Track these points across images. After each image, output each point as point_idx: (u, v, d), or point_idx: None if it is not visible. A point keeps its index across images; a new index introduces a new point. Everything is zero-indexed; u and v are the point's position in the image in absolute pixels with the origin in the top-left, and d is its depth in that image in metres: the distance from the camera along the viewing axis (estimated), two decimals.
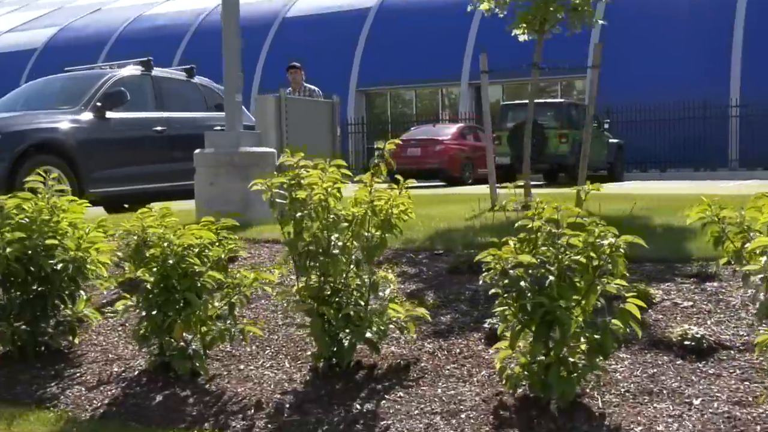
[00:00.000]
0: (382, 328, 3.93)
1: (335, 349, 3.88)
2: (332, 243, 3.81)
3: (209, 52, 26.33)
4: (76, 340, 4.73)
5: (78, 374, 4.35)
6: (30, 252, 4.38)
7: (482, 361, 4.03)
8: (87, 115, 9.86)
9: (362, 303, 3.97)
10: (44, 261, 4.37)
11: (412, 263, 5.79)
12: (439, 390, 3.76)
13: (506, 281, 3.42)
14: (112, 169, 10.02)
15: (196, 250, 4.02)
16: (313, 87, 12.79)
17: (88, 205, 4.73)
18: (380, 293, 4.03)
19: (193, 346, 4.17)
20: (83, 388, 4.16)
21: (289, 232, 3.88)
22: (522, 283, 3.32)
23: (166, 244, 4.00)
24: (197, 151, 7.83)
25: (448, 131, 25.41)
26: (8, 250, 4.27)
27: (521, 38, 8.78)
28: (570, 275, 3.40)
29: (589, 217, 3.56)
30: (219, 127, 10.83)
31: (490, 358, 4.00)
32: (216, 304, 4.13)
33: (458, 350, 4.20)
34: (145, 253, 4.07)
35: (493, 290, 3.58)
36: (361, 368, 4.06)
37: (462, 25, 29.15)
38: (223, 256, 4.14)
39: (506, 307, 3.50)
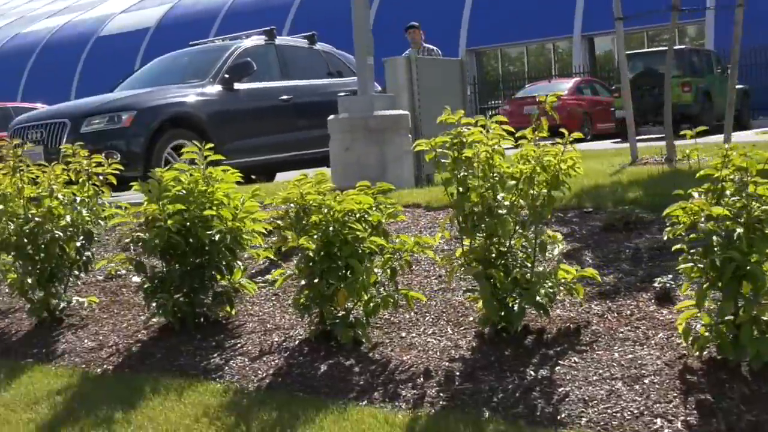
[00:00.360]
0: (552, 290, 3.76)
1: (503, 313, 3.73)
2: (498, 203, 3.65)
3: (322, 19, 26.72)
4: (233, 311, 4.76)
5: (239, 345, 4.35)
6: (188, 223, 4.42)
7: (657, 323, 3.80)
8: (216, 88, 9.92)
9: (529, 265, 3.81)
10: (202, 232, 4.39)
11: (562, 222, 5.56)
12: (616, 354, 3.55)
13: (693, 235, 3.20)
14: (243, 140, 10.03)
15: (357, 215, 3.94)
16: (432, 46, 12.57)
17: (241, 174, 4.69)
18: (548, 254, 3.86)
19: (354, 314, 4.11)
20: (246, 359, 4.14)
21: (452, 192, 3.74)
22: (714, 238, 3.08)
23: (326, 211, 3.94)
24: (331, 117, 7.77)
25: (564, 87, 24.44)
26: (169, 222, 4.30)
27: None
28: (760, 227, 3.14)
29: None
30: (344, 93, 10.87)
31: (665, 319, 3.79)
32: (376, 270, 4.04)
33: (629, 312, 3.97)
34: (304, 221, 4.01)
35: (676, 246, 3.36)
36: (529, 333, 3.90)
37: None
38: (383, 220, 4.02)
39: (691, 264, 3.27)
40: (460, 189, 3.65)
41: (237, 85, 10.05)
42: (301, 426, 3.27)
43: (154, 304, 4.55)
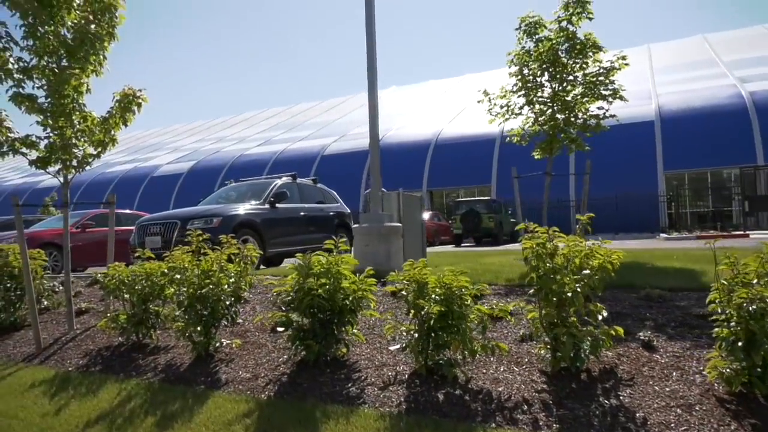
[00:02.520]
0: (600, 342, 3.31)
1: (573, 355, 3.26)
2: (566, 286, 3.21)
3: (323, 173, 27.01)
4: (347, 352, 4.09)
5: (363, 377, 3.65)
6: (330, 292, 3.79)
7: (657, 364, 3.40)
8: (266, 206, 9.55)
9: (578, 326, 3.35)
10: (338, 297, 3.78)
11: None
12: (657, 387, 3.10)
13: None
14: (279, 237, 9.66)
15: (462, 290, 3.43)
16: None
17: (354, 263, 4.11)
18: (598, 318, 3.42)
19: (457, 357, 3.54)
20: (375, 388, 3.46)
21: (532, 276, 3.29)
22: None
23: (442, 289, 3.41)
24: (356, 226, 7.41)
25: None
26: (319, 291, 3.69)
27: (537, 157, 8.25)
28: None
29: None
30: (331, 213, 11.31)
31: (665, 362, 3.39)
32: (472, 326, 3.50)
33: (635, 356, 3.55)
34: (425, 292, 3.48)
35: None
36: (589, 373, 3.39)
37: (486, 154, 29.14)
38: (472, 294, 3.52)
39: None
40: (539, 275, 3.21)
41: (278, 205, 9.73)
42: None
43: (298, 346, 3.87)
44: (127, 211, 13.78)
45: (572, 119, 7.48)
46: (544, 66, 7.52)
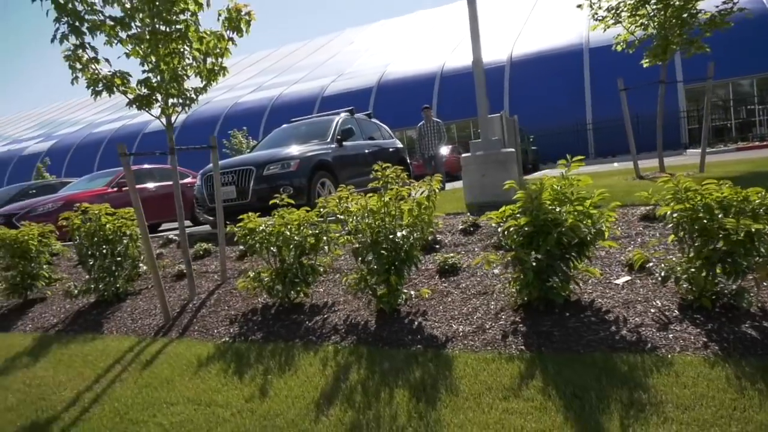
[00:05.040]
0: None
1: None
2: None
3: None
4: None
5: (612, 318, 3.09)
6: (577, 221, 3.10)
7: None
8: (334, 145, 8.61)
9: None
10: (581, 228, 3.10)
11: None
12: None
13: None
14: (351, 179, 8.69)
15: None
16: (438, 119, 11.71)
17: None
18: None
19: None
20: (635, 331, 2.90)
21: None
22: None
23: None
24: (466, 154, 6.61)
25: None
26: (569, 220, 3.00)
27: (646, 65, 7.45)
28: None
29: None
30: (391, 148, 10.35)
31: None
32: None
33: None
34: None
35: None
36: None
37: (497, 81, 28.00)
38: None
39: None
40: None
41: (344, 143, 8.83)
42: None
43: (523, 289, 3.24)
44: (157, 167, 12.85)
45: (689, 18, 6.65)
46: None
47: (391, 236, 3.49)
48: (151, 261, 4.32)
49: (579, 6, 7.34)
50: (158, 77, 4.15)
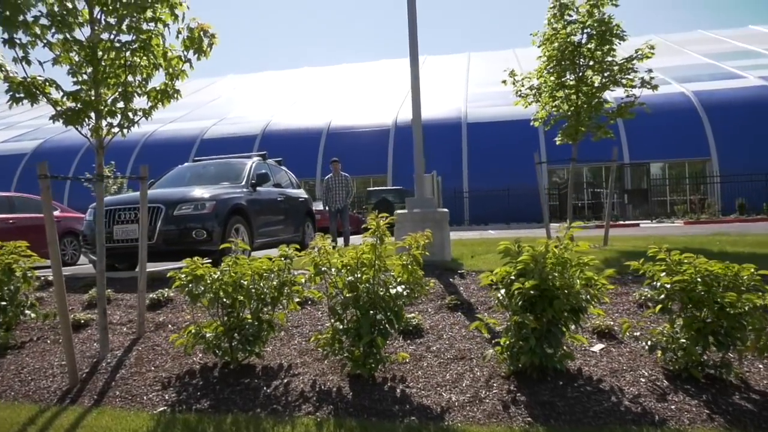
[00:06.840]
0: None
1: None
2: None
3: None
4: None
5: (607, 389, 3.04)
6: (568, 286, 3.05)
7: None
8: (247, 189, 7.99)
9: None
10: (576, 292, 3.06)
11: None
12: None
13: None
14: (265, 227, 8.19)
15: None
16: (345, 174, 11.56)
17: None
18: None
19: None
20: (621, 404, 2.88)
21: None
22: None
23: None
24: (402, 211, 6.56)
25: None
26: (557, 284, 2.94)
27: (559, 143, 8.06)
28: None
29: None
30: (300, 198, 9.90)
31: None
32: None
33: None
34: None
35: None
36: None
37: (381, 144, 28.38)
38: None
39: None
40: None
41: (258, 188, 8.25)
42: None
43: (517, 354, 3.09)
44: (17, 195, 11.12)
45: (597, 106, 7.37)
46: (571, 49, 7.31)
47: (381, 292, 3.18)
48: (62, 306, 3.51)
49: (503, 82, 7.83)
50: (93, 91, 3.52)
